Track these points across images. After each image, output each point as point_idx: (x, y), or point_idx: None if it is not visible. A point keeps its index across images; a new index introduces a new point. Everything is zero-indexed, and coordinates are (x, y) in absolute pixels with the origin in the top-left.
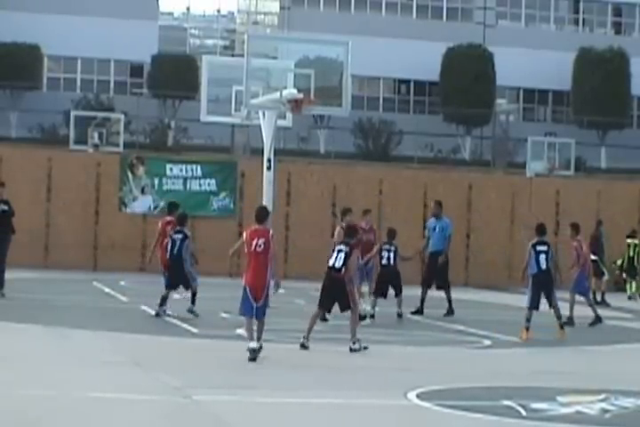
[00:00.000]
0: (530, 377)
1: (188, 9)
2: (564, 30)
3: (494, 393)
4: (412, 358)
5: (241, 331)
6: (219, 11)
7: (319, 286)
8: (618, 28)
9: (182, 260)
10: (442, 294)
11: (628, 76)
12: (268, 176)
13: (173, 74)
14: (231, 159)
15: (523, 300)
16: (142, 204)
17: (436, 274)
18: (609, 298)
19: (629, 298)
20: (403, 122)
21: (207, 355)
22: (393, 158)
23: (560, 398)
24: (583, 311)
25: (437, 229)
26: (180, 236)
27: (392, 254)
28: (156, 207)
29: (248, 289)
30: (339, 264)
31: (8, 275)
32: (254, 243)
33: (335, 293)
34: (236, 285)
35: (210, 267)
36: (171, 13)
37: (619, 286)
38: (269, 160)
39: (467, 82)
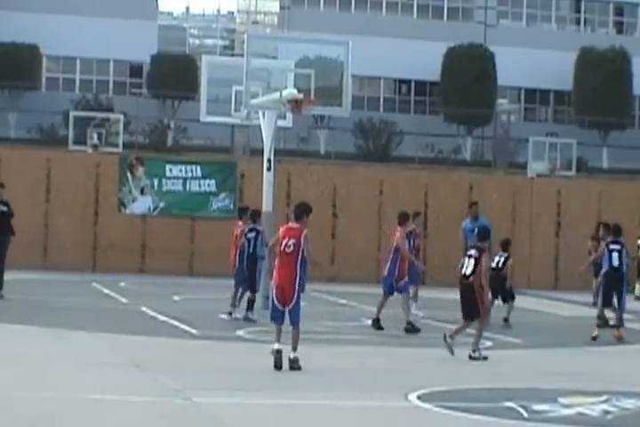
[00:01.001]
0: (531, 378)
1: (187, 9)
2: (566, 30)
3: (495, 394)
4: (413, 359)
5: (241, 332)
6: (218, 10)
7: (317, 286)
8: (619, 27)
9: (258, 258)
10: (445, 294)
11: (629, 76)
12: (267, 177)
13: (173, 74)
14: (231, 160)
15: (523, 300)
16: (142, 204)
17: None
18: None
19: (637, 299)
20: (403, 122)
21: (207, 356)
22: (393, 159)
23: (561, 400)
24: (585, 312)
25: (476, 231)
26: (253, 234)
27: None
28: (155, 208)
29: (274, 291)
30: (468, 271)
31: (7, 276)
32: (284, 242)
33: (466, 300)
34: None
35: (209, 268)
36: (170, 13)
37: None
38: (269, 161)
39: (468, 82)
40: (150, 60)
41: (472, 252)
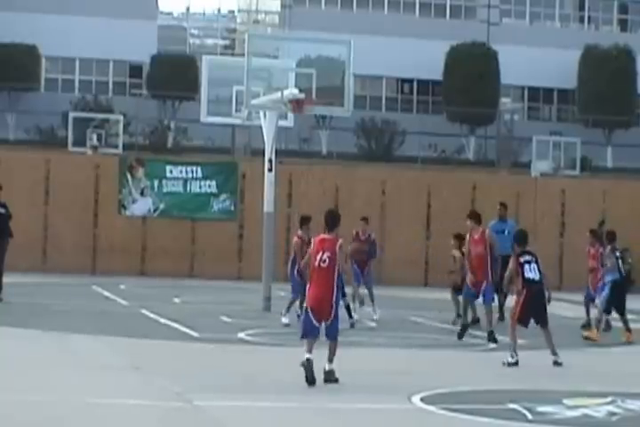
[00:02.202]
0: (535, 380)
1: (187, 8)
2: (569, 28)
3: (499, 396)
4: (416, 361)
5: (242, 335)
6: (219, 10)
7: None
8: (624, 25)
9: None
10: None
11: (634, 74)
12: (269, 177)
13: (173, 74)
14: (232, 160)
15: None
16: (142, 206)
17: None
18: None
19: None
20: (406, 122)
21: (208, 359)
22: (396, 159)
23: (566, 401)
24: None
25: (506, 233)
26: None
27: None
28: (155, 209)
29: (310, 311)
30: (537, 276)
31: (6, 279)
32: (319, 257)
33: (538, 306)
34: (237, 288)
35: (210, 269)
36: (170, 13)
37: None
38: (271, 161)
39: (470, 81)
40: (150, 61)
41: (528, 257)
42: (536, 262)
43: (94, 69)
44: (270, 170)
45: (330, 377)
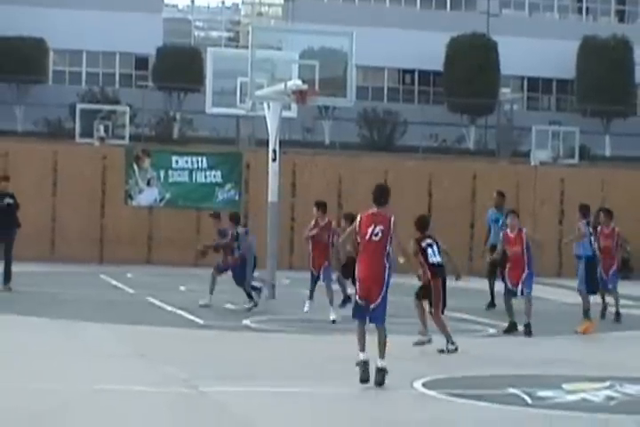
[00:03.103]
0: (535, 365)
1: (192, 1)
2: (568, 19)
3: (500, 381)
4: (419, 347)
5: (247, 322)
6: (223, 2)
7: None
8: (621, 16)
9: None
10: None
11: (631, 65)
12: (273, 167)
13: (178, 66)
14: (236, 151)
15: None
16: (148, 196)
17: (500, 266)
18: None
19: None
20: (407, 112)
21: (213, 346)
22: (398, 149)
23: (565, 386)
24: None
25: (502, 222)
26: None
27: None
28: (161, 200)
29: (358, 286)
30: (440, 259)
31: (15, 268)
32: (370, 231)
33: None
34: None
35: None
36: (175, 6)
37: (622, 274)
38: (275, 151)
39: (471, 71)
40: (156, 53)
41: (429, 241)
42: (437, 245)
43: (101, 62)
44: (274, 160)
45: (381, 378)
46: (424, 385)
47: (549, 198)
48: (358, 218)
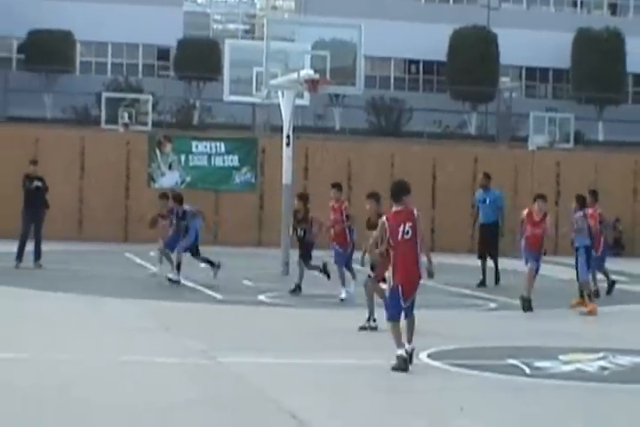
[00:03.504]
0: (533, 337)
1: None
2: (563, 12)
3: (500, 353)
4: (423, 320)
5: (262, 297)
6: None
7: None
8: (614, 9)
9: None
10: (452, 260)
11: (623, 55)
12: (287, 152)
13: (198, 57)
14: (252, 136)
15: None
16: (170, 179)
17: (488, 244)
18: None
19: None
20: (413, 99)
21: (230, 320)
22: (404, 134)
23: (561, 357)
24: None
25: (487, 201)
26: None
27: None
28: (182, 182)
29: (400, 289)
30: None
31: (44, 247)
32: (400, 230)
33: None
34: (257, 254)
35: (232, 237)
36: (194, 0)
37: (614, 252)
38: (288, 137)
39: (472, 61)
40: (176, 44)
41: None
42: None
43: (125, 53)
44: (288, 145)
45: (407, 364)
46: (429, 356)
47: (546, 180)
48: (384, 220)
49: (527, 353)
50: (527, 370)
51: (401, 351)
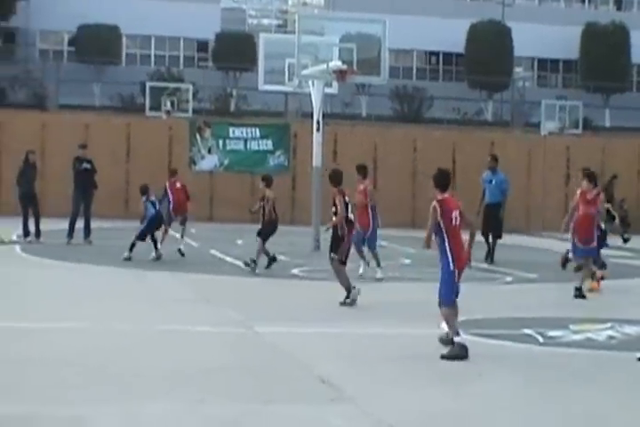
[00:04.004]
0: (546, 309)
1: None
2: (572, 7)
3: (515, 323)
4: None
5: (295, 271)
6: None
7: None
8: (619, 4)
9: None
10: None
11: (628, 47)
12: (317, 137)
13: (234, 49)
14: (285, 122)
15: (539, 241)
16: (209, 162)
17: (490, 224)
18: (613, 240)
19: None
20: (433, 88)
21: (266, 292)
22: (425, 120)
23: (572, 327)
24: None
25: (493, 183)
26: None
27: None
28: (220, 165)
29: (457, 274)
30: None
31: (93, 224)
32: (453, 216)
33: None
34: (290, 231)
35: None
36: None
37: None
38: (318, 123)
39: (488, 53)
40: (215, 38)
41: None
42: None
43: (167, 45)
44: (318, 130)
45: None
46: None
47: (556, 164)
48: (435, 205)
49: (540, 323)
50: (540, 339)
51: (459, 338)
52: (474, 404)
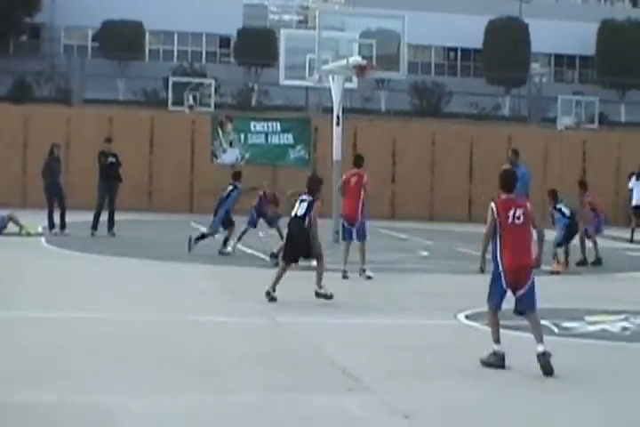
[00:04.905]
0: (561, 300)
1: None
2: (589, 4)
3: None
4: (461, 284)
5: (315, 263)
6: None
7: (379, 223)
8: (635, 1)
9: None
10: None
11: None
12: (337, 131)
13: (256, 45)
14: (306, 117)
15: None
16: (230, 155)
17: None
18: (626, 233)
19: None
20: (451, 84)
21: (288, 283)
22: (443, 115)
23: (587, 318)
24: (608, 244)
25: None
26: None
27: None
28: (242, 158)
29: (504, 275)
30: (300, 212)
31: (117, 217)
32: (510, 214)
33: (294, 241)
34: None
35: (288, 207)
36: None
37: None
38: (338, 117)
39: (506, 49)
40: (237, 34)
41: (305, 197)
42: (307, 202)
43: (190, 41)
44: (338, 124)
45: (547, 362)
46: (467, 317)
47: (573, 158)
48: (492, 206)
49: (556, 314)
50: (556, 330)
51: (498, 347)
52: (491, 394)
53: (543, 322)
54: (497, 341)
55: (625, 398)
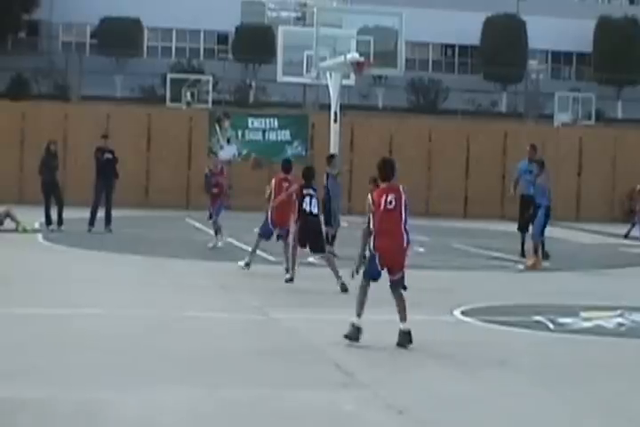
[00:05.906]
0: (557, 296)
1: None
2: (586, 1)
3: (526, 310)
4: (457, 280)
5: (312, 259)
6: None
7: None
8: None
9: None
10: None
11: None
12: (334, 127)
13: (254, 41)
14: (303, 113)
15: (551, 230)
16: (228, 152)
17: (529, 217)
18: (622, 229)
19: None
20: (449, 80)
21: (281, 279)
22: (440, 111)
23: (583, 314)
24: (602, 240)
25: (532, 173)
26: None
27: None
28: (239, 155)
29: (377, 257)
30: (314, 209)
31: (114, 213)
32: (383, 200)
33: (310, 235)
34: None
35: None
36: None
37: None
38: (336, 114)
39: (503, 46)
40: (235, 30)
41: (311, 191)
42: (316, 198)
43: (188, 38)
44: (335, 121)
45: (407, 339)
46: (462, 313)
47: (570, 154)
48: (369, 196)
49: (551, 310)
50: (551, 326)
51: (356, 321)
52: (485, 389)
53: (539, 318)
54: (359, 315)
55: (620, 394)
